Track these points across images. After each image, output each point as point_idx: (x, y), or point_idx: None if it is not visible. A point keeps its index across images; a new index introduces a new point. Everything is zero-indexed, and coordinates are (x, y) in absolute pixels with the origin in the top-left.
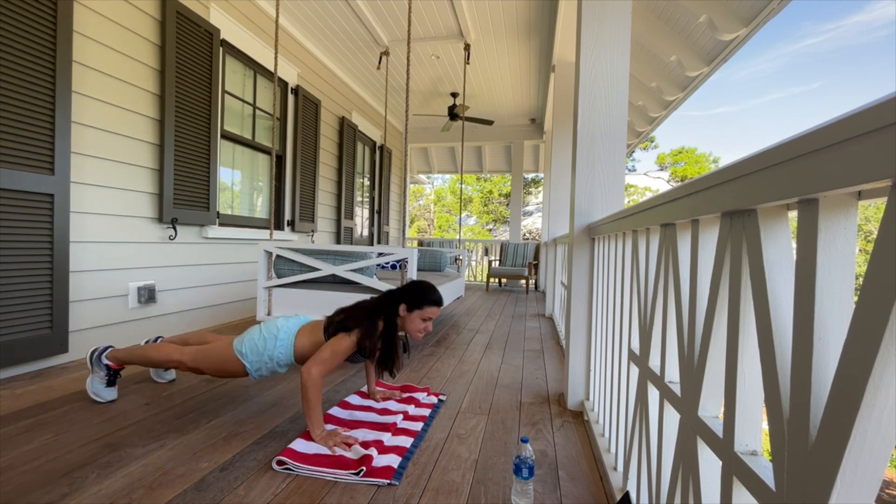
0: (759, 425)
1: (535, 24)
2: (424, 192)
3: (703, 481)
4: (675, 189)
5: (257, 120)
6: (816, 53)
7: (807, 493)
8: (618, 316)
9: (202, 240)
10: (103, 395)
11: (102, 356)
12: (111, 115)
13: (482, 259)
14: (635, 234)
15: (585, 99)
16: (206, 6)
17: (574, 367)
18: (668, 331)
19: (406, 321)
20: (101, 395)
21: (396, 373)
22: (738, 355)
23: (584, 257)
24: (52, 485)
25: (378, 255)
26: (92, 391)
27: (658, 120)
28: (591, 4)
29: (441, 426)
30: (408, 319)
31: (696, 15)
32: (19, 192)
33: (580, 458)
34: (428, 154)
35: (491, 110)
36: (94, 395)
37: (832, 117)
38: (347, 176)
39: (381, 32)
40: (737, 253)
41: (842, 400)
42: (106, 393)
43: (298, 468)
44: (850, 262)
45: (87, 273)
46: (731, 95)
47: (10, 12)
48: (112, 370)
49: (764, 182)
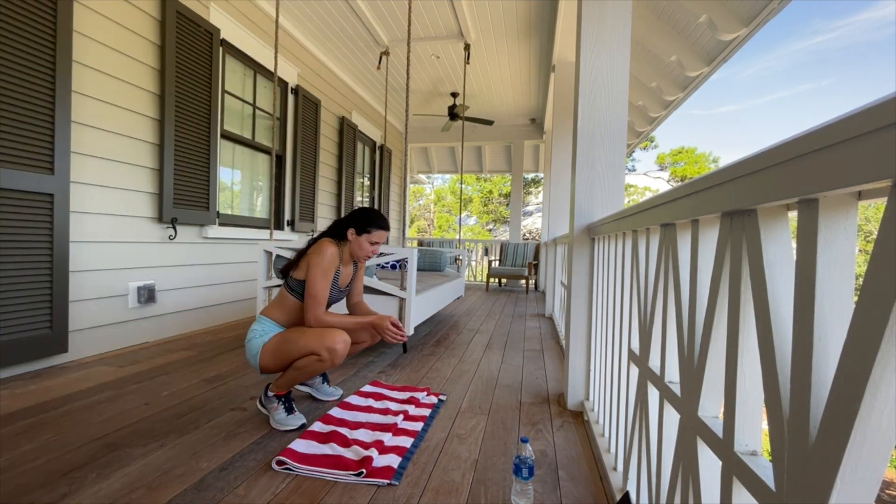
0: (759, 425)
1: (536, 23)
2: (424, 192)
3: (702, 481)
4: (675, 189)
5: (257, 120)
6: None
7: (807, 493)
8: (618, 316)
9: (202, 240)
10: (290, 422)
11: (267, 392)
12: (111, 114)
13: (482, 259)
14: (635, 234)
15: (585, 99)
16: (206, 6)
17: (574, 367)
18: (668, 331)
19: (354, 245)
20: (289, 423)
21: None
22: (738, 355)
23: (584, 257)
24: (51, 484)
25: (378, 255)
26: (280, 425)
27: (658, 120)
28: (591, 4)
29: (441, 426)
30: (356, 243)
31: (696, 15)
32: (19, 191)
33: (580, 458)
34: (428, 154)
35: (491, 110)
36: (283, 427)
37: (832, 117)
38: (347, 176)
39: (381, 32)
40: (737, 253)
41: (842, 400)
42: (291, 420)
43: (298, 468)
44: (850, 262)
45: (87, 273)
46: (737, 94)
47: (10, 12)
48: (281, 397)
49: (764, 182)
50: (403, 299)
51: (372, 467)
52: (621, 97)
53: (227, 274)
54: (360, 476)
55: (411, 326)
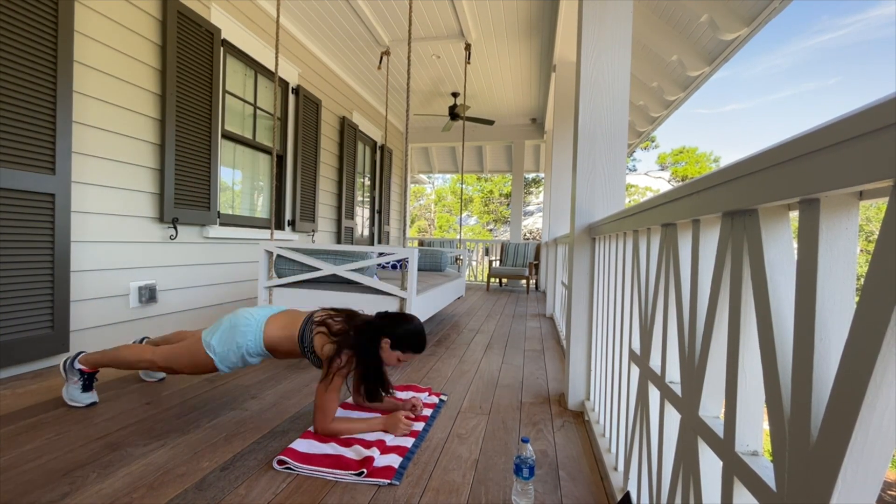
0: (760, 425)
1: (536, 23)
2: (425, 192)
3: (703, 481)
4: (676, 189)
5: (258, 120)
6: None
7: (808, 493)
8: (618, 316)
9: (203, 239)
10: (81, 399)
11: (75, 361)
12: (112, 114)
13: (483, 259)
14: (636, 234)
15: (586, 99)
16: (207, 6)
17: (575, 367)
18: (668, 331)
19: (384, 352)
20: (79, 400)
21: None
22: (739, 355)
23: (584, 257)
24: (53, 484)
25: (379, 255)
26: (69, 398)
27: (659, 120)
28: (592, 4)
29: (442, 426)
30: (386, 352)
31: (697, 14)
32: (20, 191)
33: (581, 458)
34: (428, 154)
35: (492, 110)
36: (72, 402)
37: (833, 117)
38: (348, 176)
39: (382, 32)
40: (738, 253)
41: (843, 400)
42: (83, 397)
43: (299, 468)
44: (852, 262)
45: (88, 273)
46: (742, 92)
47: (12, 12)
48: (86, 374)
49: (765, 182)
50: (404, 299)
51: (373, 467)
52: (622, 97)
53: (227, 274)
54: (360, 476)
55: None
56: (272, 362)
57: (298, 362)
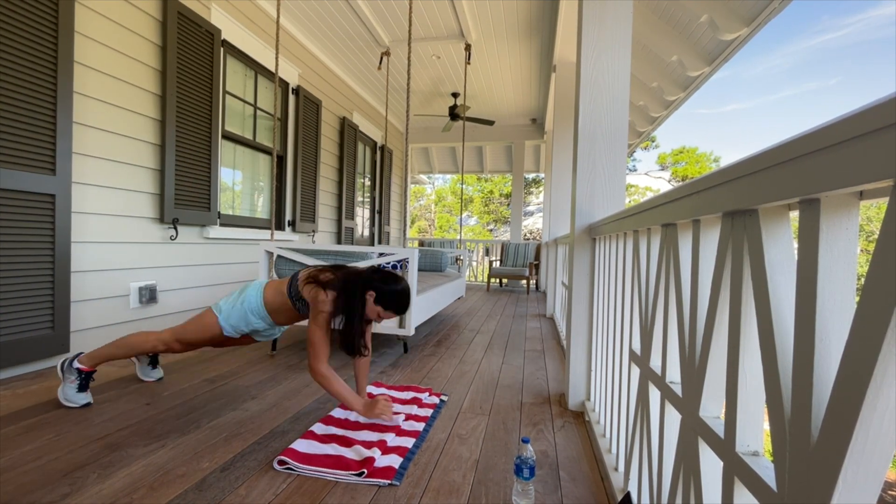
0: (761, 426)
1: (536, 24)
2: (425, 193)
3: (704, 482)
4: (676, 189)
5: (258, 120)
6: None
7: (808, 493)
8: (619, 316)
9: (203, 240)
10: (76, 399)
11: (74, 361)
12: (112, 115)
13: (483, 259)
14: (636, 234)
15: (586, 99)
16: (207, 7)
17: (575, 368)
18: (669, 331)
19: (367, 306)
20: (75, 400)
21: (359, 354)
22: (740, 355)
23: (585, 257)
24: (53, 484)
25: (379, 256)
26: (64, 398)
27: (659, 120)
28: (592, 5)
29: (442, 426)
30: (369, 305)
31: (697, 15)
32: (21, 192)
33: (581, 458)
34: (429, 154)
35: (492, 110)
36: (67, 402)
37: (833, 117)
38: (348, 176)
39: (382, 32)
40: (738, 253)
41: (843, 400)
42: (79, 397)
43: (300, 468)
44: (852, 262)
45: (89, 273)
46: (742, 92)
47: (12, 12)
48: (84, 374)
49: (765, 182)
50: None
51: (373, 467)
52: (622, 97)
53: (228, 274)
54: (361, 476)
55: (412, 326)
56: (272, 362)
57: (299, 362)
